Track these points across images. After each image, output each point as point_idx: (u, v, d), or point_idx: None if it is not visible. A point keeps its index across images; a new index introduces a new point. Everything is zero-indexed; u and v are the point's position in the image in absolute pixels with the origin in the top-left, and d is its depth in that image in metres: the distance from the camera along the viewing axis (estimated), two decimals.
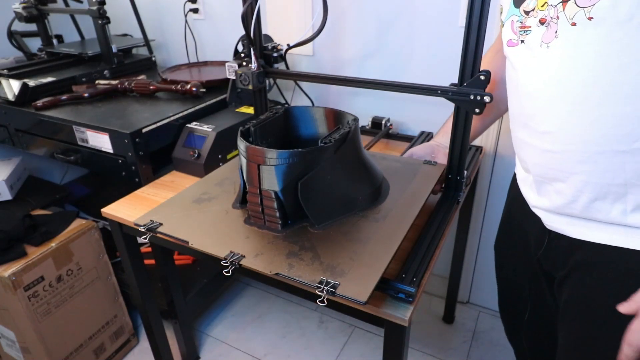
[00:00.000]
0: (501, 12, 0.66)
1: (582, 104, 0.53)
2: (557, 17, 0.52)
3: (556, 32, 0.53)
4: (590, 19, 0.49)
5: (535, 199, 0.67)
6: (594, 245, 0.58)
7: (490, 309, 1.60)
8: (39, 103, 1.23)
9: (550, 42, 0.54)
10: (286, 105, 0.94)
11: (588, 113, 0.53)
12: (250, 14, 0.96)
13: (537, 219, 0.68)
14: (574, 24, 0.51)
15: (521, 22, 0.59)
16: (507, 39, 0.63)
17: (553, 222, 0.64)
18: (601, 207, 0.56)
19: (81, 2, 1.68)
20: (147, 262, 1.12)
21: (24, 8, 1.51)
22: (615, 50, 0.49)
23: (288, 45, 1.07)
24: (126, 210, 0.98)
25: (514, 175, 0.82)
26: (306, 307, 1.63)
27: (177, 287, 1.26)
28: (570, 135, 0.55)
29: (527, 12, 0.58)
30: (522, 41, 0.59)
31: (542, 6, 0.55)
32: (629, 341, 0.52)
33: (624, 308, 0.54)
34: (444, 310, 1.56)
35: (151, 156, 1.13)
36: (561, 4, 0.51)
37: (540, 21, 0.55)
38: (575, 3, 0.50)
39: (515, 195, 0.79)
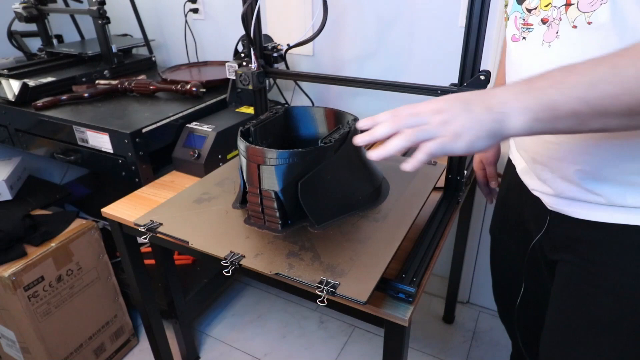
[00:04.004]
0: (506, 5, 0.68)
1: None
2: (560, 19, 0.56)
3: (557, 32, 0.56)
4: (589, 23, 0.52)
5: (536, 184, 0.69)
6: (596, 224, 0.61)
7: (490, 309, 1.59)
8: (39, 103, 1.23)
9: (551, 41, 0.57)
10: (286, 105, 0.94)
11: None
12: (250, 14, 0.96)
13: (537, 201, 0.70)
14: (574, 27, 0.54)
15: (524, 19, 0.62)
16: (510, 34, 0.66)
17: (554, 204, 0.67)
18: (602, 191, 0.59)
19: (81, 2, 1.68)
20: (147, 262, 1.12)
21: (24, 8, 1.51)
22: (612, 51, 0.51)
23: (288, 45, 1.07)
24: (126, 210, 0.98)
25: (509, 160, 0.83)
26: (306, 307, 1.63)
27: (177, 287, 1.26)
28: None
29: (529, 10, 0.60)
30: (524, 38, 0.62)
31: (545, 6, 0.58)
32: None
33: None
34: (444, 310, 1.56)
35: (151, 156, 1.13)
36: (564, 6, 0.55)
37: (542, 20, 0.58)
38: (577, 7, 0.53)
39: (511, 180, 0.81)
